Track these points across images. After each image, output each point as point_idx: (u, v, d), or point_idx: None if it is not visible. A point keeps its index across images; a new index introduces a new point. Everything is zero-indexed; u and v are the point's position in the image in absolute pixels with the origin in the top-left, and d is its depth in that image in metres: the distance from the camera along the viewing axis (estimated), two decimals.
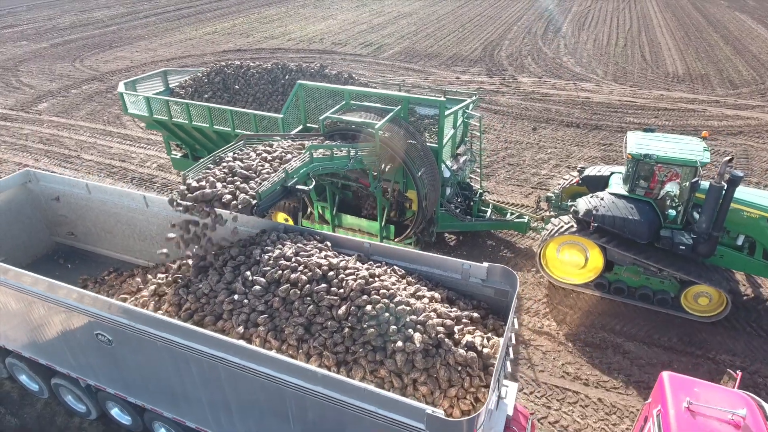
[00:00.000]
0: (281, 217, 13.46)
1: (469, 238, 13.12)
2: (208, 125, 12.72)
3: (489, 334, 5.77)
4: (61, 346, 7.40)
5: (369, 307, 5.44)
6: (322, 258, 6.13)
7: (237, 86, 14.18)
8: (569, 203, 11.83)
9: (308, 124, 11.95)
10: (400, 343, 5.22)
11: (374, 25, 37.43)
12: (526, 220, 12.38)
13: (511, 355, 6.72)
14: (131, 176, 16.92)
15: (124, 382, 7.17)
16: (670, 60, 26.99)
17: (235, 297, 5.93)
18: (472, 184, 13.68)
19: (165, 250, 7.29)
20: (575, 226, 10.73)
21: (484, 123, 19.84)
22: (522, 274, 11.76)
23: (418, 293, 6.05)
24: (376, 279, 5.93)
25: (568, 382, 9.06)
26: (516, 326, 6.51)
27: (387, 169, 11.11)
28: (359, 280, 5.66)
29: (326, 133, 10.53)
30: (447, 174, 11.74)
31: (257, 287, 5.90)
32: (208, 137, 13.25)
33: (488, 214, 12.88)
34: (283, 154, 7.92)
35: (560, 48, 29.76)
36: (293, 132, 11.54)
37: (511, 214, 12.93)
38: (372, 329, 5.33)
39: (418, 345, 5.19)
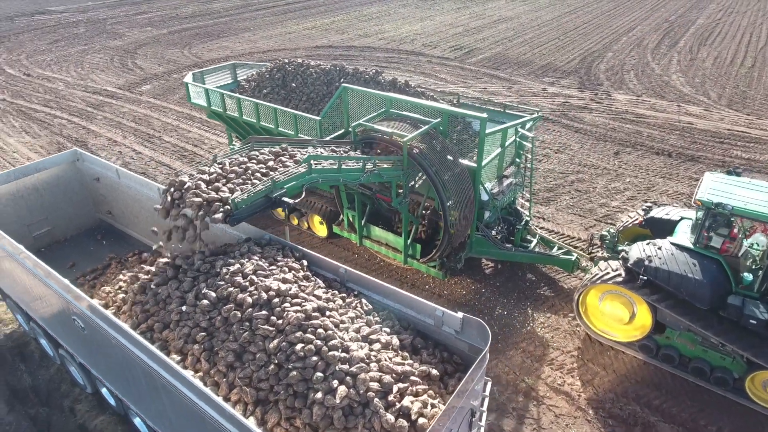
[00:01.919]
0: (316, 220, 13.30)
1: (507, 267, 11.98)
2: (255, 121, 12.89)
3: (437, 400, 4.95)
4: (57, 323, 7.77)
5: (299, 346, 4.90)
6: (278, 280, 5.70)
7: (294, 84, 14.22)
8: (624, 246, 10.29)
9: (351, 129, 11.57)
10: (320, 395, 4.63)
11: (470, 28, 36.24)
12: (573, 258, 10.97)
13: (483, 423, 5.81)
14: (198, 161, 17.79)
15: (100, 368, 7.34)
16: None
17: (183, 308, 5.70)
18: (520, 209, 12.46)
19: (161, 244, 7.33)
20: (623, 275, 9.24)
21: (559, 141, 18.24)
22: (556, 319, 10.45)
23: (372, 336, 5.39)
24: (326, 313, 5.36)
25: None
26: (486, 392, 5.60)
27: (417, 186, 10.44)
28: (299, 314, 5.14)
29: (357, 141, 10.08)
30: (485, 197, 10.74)
31: (205, 302, 5.62)
32: (258, 132, 13.43)
33: (532, 245, 11.63)
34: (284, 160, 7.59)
35: (671, 64, 26.53)
36: (329, 137, 11.25)
37: (559, 248, 11.56)
38: (295, 372, 4.80)
39: (338, 400, 4.56)
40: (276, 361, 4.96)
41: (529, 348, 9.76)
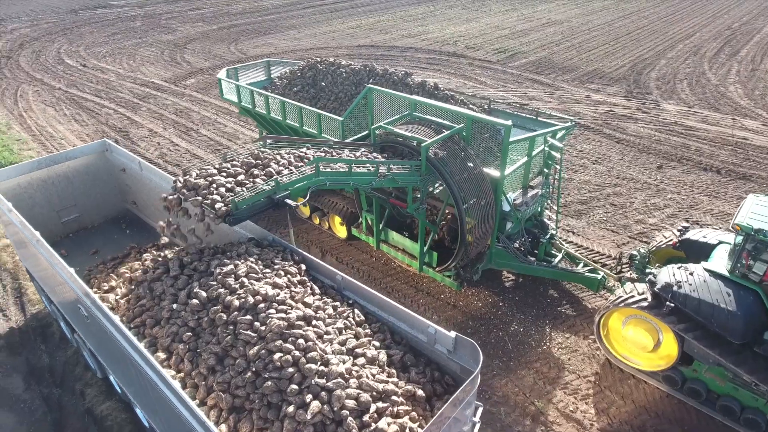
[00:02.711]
0: (337, 221, 13.21)
1: (529, 281, 11.48)
2: (281, 119, 12.93)
3: (417, 424, 4.69)
4: (69, 308, 7.99)
5: (277, 356, 4.76)
6: (269, 284, 5.58)
7: (323, 83, 14.19)
8: (654, 268, 9.64)
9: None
10: (291, 408, 4.47)
11: (517, 31, 35.33)
12: (599, 277, 10.36)
13: None
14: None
15: (102, 355, 7.48)
16: None
17: (174, 306, 5.69)
18: (547, 222, 11.91)
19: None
20: (649, 299, 8.63)
21: (598, 152, 17.44)
22: (576, 340, 9.91)
23: (358, 349, 5.19)
24: (312, 322, 5.20)
25: None
26: (476, 418, 5.29)
27: (436, 192, 10.17)
28: (282, 322, 5.00)
29: (376, 144, 9.90)
30: (507, 207, 10.32)
31: (195, 301, 5.58)
32: (284, 129, 13.48)
33: (557, 260, 11.08)
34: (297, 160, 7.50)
35: (730, 74, 24.87)
36: (350, 139, 11.11)
37: (585, 265, 10.96)
38: (270, 382, 4.66)
39: (309, 416, 4.38)
40: (254, 369, 4.86)
41: (543, 369, 9.29)
